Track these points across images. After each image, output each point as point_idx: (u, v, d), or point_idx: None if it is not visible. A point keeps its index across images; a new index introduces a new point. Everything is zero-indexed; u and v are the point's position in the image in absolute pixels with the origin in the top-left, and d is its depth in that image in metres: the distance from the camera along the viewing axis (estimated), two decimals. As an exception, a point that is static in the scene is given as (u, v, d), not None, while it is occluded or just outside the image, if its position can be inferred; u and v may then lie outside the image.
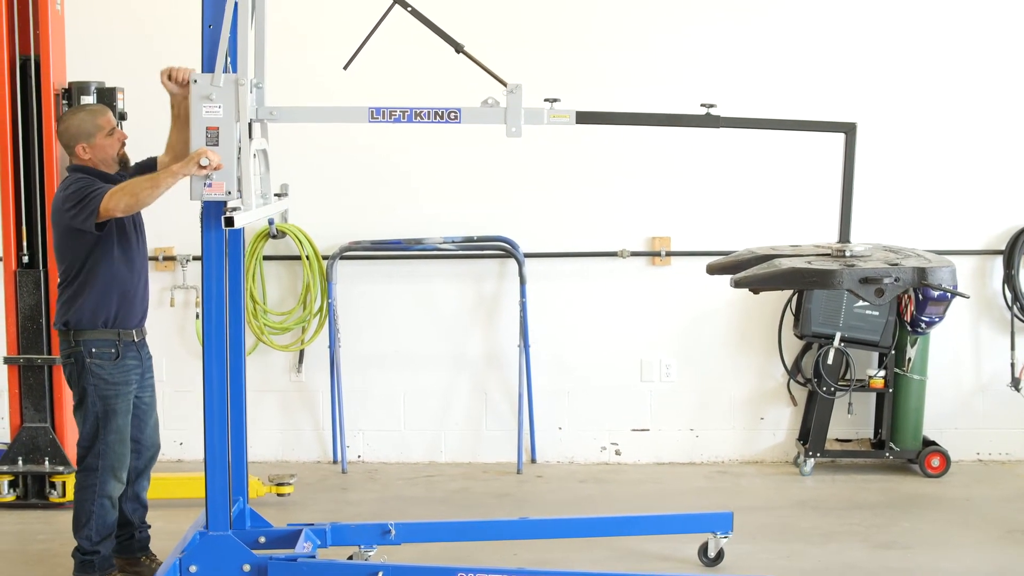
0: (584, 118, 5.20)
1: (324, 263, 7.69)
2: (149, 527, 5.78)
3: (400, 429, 7.92)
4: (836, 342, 7.38)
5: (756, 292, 4.97)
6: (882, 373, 7.50)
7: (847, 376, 7.49)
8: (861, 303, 7.35)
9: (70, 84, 6.72)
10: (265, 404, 7.83)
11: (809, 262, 4.74)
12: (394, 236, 7.71)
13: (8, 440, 6.89)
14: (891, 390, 7.52)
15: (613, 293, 7.81)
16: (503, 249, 7.69)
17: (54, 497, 6.76)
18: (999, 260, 7.73)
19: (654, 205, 7.76)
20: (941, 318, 7.31)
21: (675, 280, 7.79)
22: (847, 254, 4.85)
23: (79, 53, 6.96)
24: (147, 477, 5.70)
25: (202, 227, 5.08)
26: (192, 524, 5.49)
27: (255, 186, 5.10)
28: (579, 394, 7.88)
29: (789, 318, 7.67)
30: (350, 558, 5.64)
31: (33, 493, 6.80)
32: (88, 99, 6.63)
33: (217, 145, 4.93)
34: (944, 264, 4.68)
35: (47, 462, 6.75)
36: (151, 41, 7.60)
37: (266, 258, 7.75)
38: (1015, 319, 7.71)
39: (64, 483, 6.73)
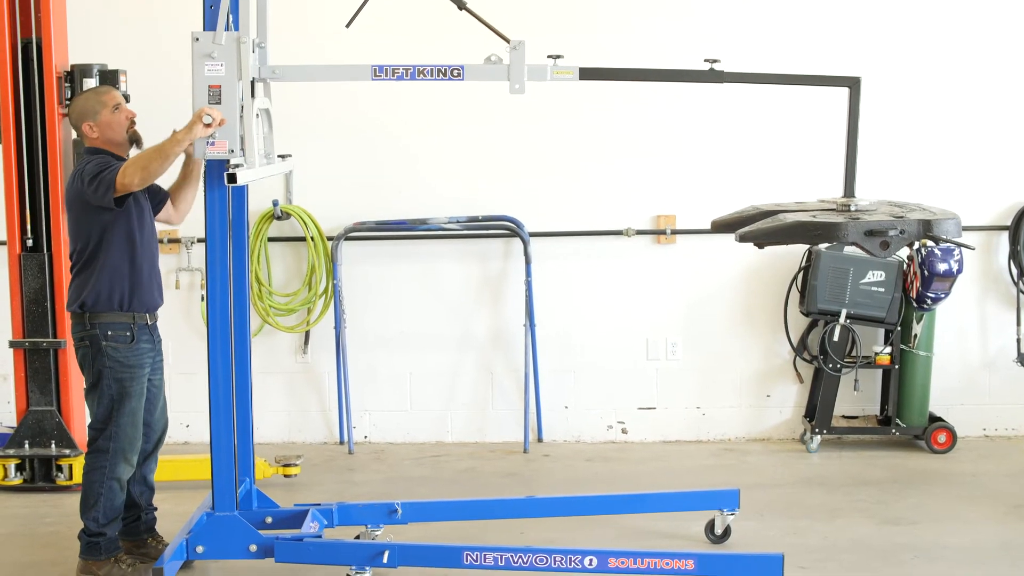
0: (587, 74, 5.18)
1: (329, 244, 7.68)
2: (155, 509, 5.78)
3: (406, 409, 7.93)
4: (842, 319, 7.36)
5: (761, 247, 4.95)
6: (888, 350, 7.49)
7: (853, 353, 7.47)
8: (867, 279, 7.34)
9: (72, 67, 6.70)
10: (271, 386, 7.83)
11: (814, 216, 4.72)
12: (399, 216, 7.69)
13: (14, 424, 6.91)
14: (897, 367, 7.51)
15: (618, 272, 7.80)
16: (508, 229, 7.67)
17: (61, 480, 6.78)
18: (1005, 236, 7.70)
19: (659, 183, 7.74)
20: (947, 294, 7.29)
21: (680, 258, 7.78)
22: (852, 208, 4.83)
23: (81, 35, 6.94)
24: (155, 459, 5.70)
25: (205, 187, 5.09)
26: (199, 505, 5.51)
27: (258, 145, 5.10)
28: (585, 373, 7.88)
29: (795, 295, 7.66)
30: (357, 538, 5.65)
31: (40, 476, 6.82)
32: (91, 82, 6.62)
33: (219, 103, 4.93)
34: (949, 216, 4.65)
35: (53, 445, 6.76)
36: (154, 23, 7.59)
37: (271, 239, 7.75)
38: (1021, 294, 7.69)
39: (71, 466, 6.75)
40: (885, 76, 7.48)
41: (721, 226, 5.25)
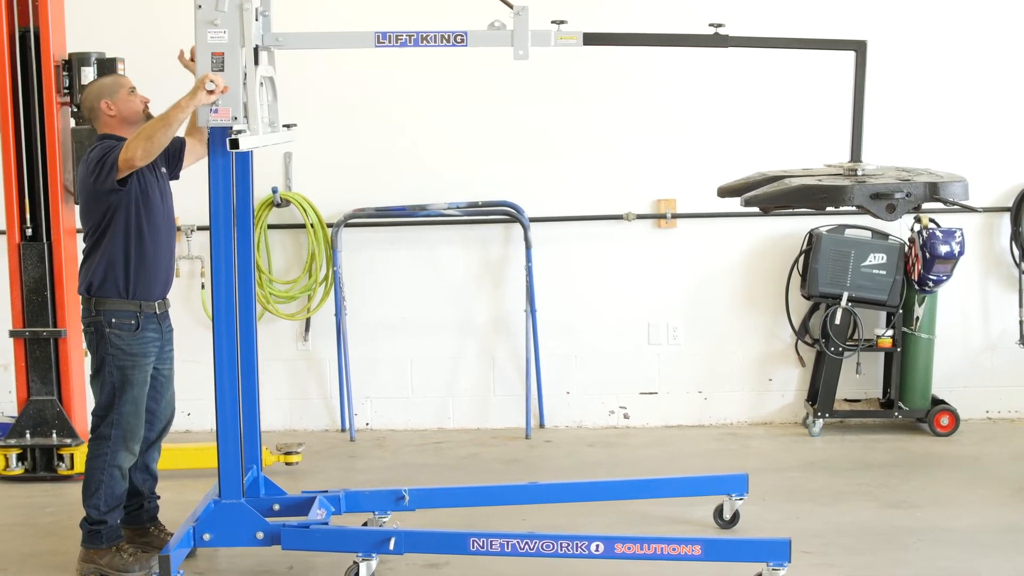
0: (591, 39, 5.16)
1: (329, 231, 7.66)
2: (158, 498, 5.76)
3: (408, 396, 7.91)
4: (843, 302, 7.36)
5: (766, 211, 4.95)
6: (890, 332, 7.48)
7: (855, 336, 7.46)
8: (868, 262, 7.34)
9: (70, 55, 6.68)
10: (272, 373, 7.80)
11: (820, 179, 4.71)
12: (398, 203, 7.66)
13: (15, 413, 6.89)
14: (899, 349, 7.50)
15: (619, 256, 7.79)
16: (508, 214, 7.65)
17: (62, 470, 6.76)
18: (1006, 217, 7.69)
19: (659, 167, 7.72)
20: (948, 276, 7.29)
21: (681, 242, 7.77)
22: (858, 173, 4.81)
23: (79, 23, 6.91)
24: (158, 448, 5.68)
25: (209, 156, 5.08)
26: (207, 492, 5.49)
27: (262, 113, 5.09)
28: (587, 358, 7.86)
29: (796, 279, 7.65)
30: (365, 524, 5.64)
31: (41, 466, 6.80)
32: (88, 70, 6.61)
33: (223, 71, 4.92)
34: (956, 179, 4.63)
35: (55, 435, 6.75)
36: (152, 10, 7.56)
37: (270, 227, 7.72)
38: (1023, 276, 7.68)
39: (72, 455, 6.73)
40: (890, 43, 7.41)
41: (727, 192, 5.23)
